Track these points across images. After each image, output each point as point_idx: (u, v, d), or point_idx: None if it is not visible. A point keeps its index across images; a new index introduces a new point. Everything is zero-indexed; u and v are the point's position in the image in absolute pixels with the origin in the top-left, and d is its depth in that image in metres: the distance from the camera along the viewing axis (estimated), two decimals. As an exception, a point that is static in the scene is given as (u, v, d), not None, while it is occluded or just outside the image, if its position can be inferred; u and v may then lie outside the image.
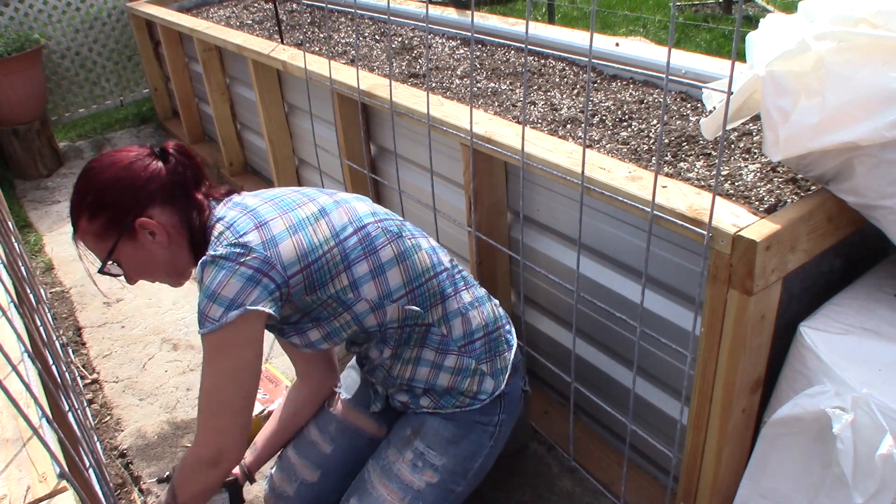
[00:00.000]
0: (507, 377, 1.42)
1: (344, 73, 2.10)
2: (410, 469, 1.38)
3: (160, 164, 1.27)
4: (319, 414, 1.57)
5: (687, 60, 1.80)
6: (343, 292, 1.26)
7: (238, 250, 1.19)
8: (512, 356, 1.45)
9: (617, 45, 2.02)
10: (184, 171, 1.29)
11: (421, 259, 1.35)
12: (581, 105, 1.81)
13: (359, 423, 1.53)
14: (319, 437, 1.52)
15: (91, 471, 1.34)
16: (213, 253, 1.19)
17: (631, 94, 1.85)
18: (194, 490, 1.32)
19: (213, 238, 1.24)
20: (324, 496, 1.48)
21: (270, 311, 1.18)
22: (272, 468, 1.55)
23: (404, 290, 1.31)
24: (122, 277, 1.33)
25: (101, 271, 1.30)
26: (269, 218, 1.25)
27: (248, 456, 1.57)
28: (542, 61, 2.16)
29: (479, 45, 2.39)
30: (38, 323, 1.75)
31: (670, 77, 1.08)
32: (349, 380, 1.61)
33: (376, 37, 2.67)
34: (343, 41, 2.67)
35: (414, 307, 1.32)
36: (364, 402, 1.55)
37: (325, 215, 1.29)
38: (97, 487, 1.32)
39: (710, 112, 1.40)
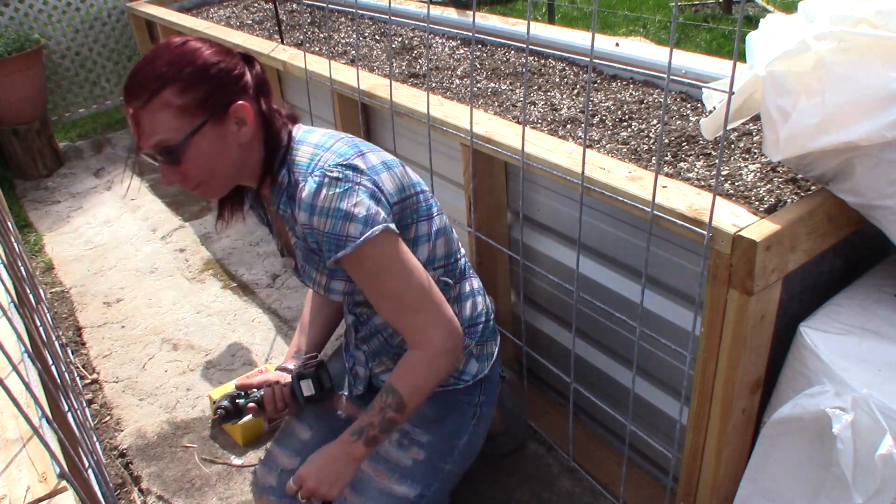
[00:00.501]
0: (490, 363, 1.47)
1: (344, 73, 2.10)
2: (397, 448, 1.40)
3: (248, 68, 1.23)
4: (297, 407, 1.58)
5: (687, 60, 1.80)
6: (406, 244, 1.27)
7: (350, 172, 1.19)
8: (497, 346, 1.50)
9: (617, 45, 2.02)
10: (266, 85, 1.24)
11: (454, 238, 1.43)
12: (581, 105, 1.81)
13: (336, 406, 1.55)
14: (298, 425, 1.54)
15: (91, 471, 1.34)
16: (325, 173, 1.18)
17: (631, 94, 1.85)
18: (433, 385, 1.28)
19: (301, 157, 1.23)
20: None
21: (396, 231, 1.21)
22: (256, 465, 1.56)
23: (444, 262, 1.37)
24: (161, 166, 1.19)
25: (159, 155, 1.16)
26: (364, 149, 1.26)
27: (292, 361, 1.54)
28: (542, 61, 2.16)
29: (480, 45, 2.39)
30: (38, 323, 1.75)
31: (670, 77, 1.08)
32: (330, 372, 1.62)
33: (376, 37, 2.67)
34: (343, 41, 2.67)
35: (446, 279, 1.37)
36: (344, 387, 1.57)
37: (403, 165, 1.32)
38: (97, 487, 1.32)
39: (710, 112, 1.40)
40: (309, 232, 1.21)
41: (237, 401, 1.49)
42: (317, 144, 1.25)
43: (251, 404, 1.48)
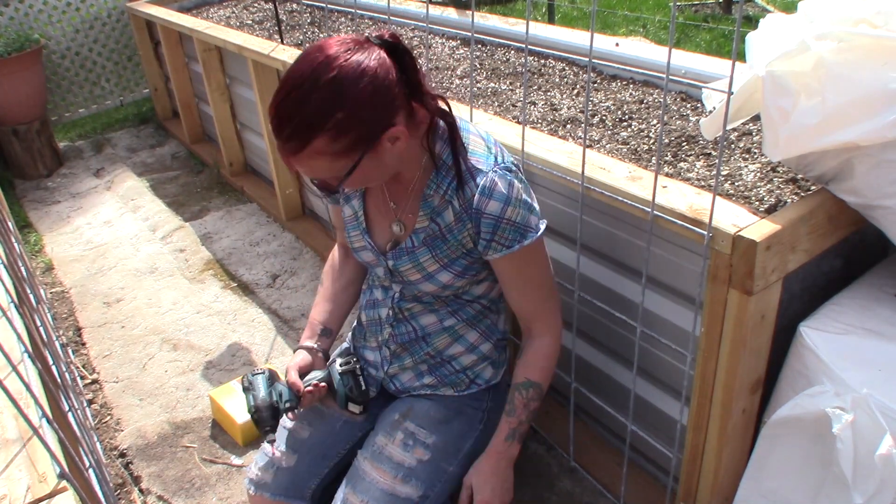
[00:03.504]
0: (502, 371, 1.51)
1: (344, 73, 2.10)
2: (402, 448, 1.40)
3: (394, 62, 1.13)
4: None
5: (687, 60, 1.80)
6: None
7: (517, 170, 1.28)
8: (507, 354, 1.54)
9: (617, 45, 2.02)
10: (415, 66, 1.16)
11: None
12: (581, 105, 1.81)
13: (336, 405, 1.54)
14: (296, 424, 1.53)
15: (91, 471, 1.34)
16: (509, 168, 1.26)
17: (631, 94, 1.85)
18: (554, 367, 1.40)
19: (475, 146, 1.27)
20: (301, 479, 1.48)
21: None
22: (253, 464, 1.55)
23: None
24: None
25: (323, 189, 1.18)
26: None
27: (304, 337, 1.52)
28: (542, 61, 2.16)
29: (479, 45, 2.39)
30: (38, 323, 1.75)
31: (670, 77, 1.08)
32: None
33: (376, 37, 2.66)
34: (343, 41, 2.67)
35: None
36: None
37: None
38: (97, 487, 1.32)
39: (710, 112, 1.40)
40: (490, 222, 1.24)
41: (276, 406, 1.41)
42: (483, 137, 1.31)
43: (290, 413, 1.41)
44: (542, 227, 1.29)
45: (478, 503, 1.38)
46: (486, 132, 1.34)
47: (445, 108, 1.27)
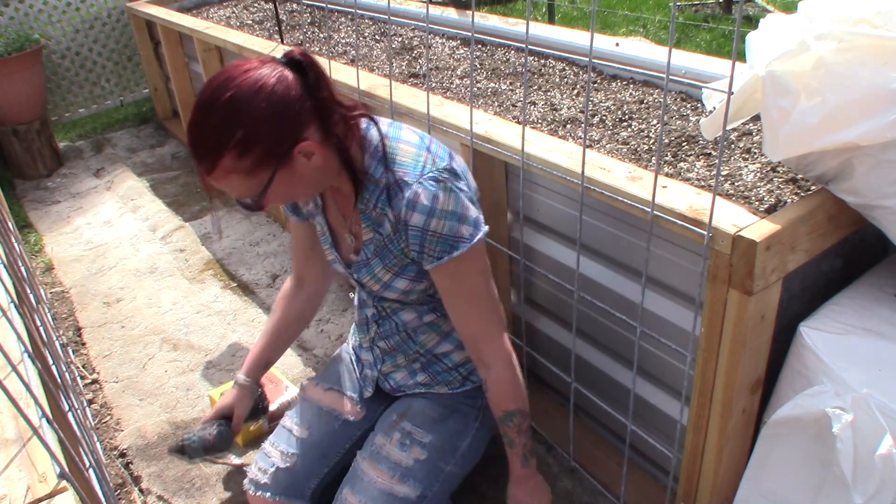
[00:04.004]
0: None
1: (344, 73, 2.10)
2: (399, 448, 1.41)
3: (298, 77, 1.15)
4: (295, 405, 1.60)
5: (687, 60, 1.80)
6: None
7: (452, 176, 1.23)
8: None
9: (617, 45, 2.02)
10: (324, 81, 1.18)
11: None
12: (581, 105, 1.81)
13: (336, 405, 1.56)
14: (295, 424, 1.54)
15: (91, 471, 1.34)
16: (438, 177, 1.21)
17: (631, 94, 1.85)
18: (522, 387, 1.39)
19: (404, 157, 1.24)
20: (299, 479, 1.48)
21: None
22: (253, 464, 1.56)
23: None
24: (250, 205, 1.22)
25: (247, 207, 1.19)
26: (449, 151, 1.30)
27: (244, 368, 1.67)
28: (542, 61, 2.16)
29: (480, 45, 2.39)
30: (38, 323, 1.75)
31: (670, 77, 1.08)
32: (332, 372, 1.63)
33: (376, 37, 2.67)
34: (343, 41, 2.67)
35: None
36: (346, 387, 1.59)
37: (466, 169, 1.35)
38: (97, 487, 1.32)
39: (710, 112, 1.40)
40: (417, 234, 1.22)
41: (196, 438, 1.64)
42: (415, 144, 1.26)
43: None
44: (479, 235, 1.25)
45: None
46: (421, 136, 1.29)
47: (367, 120, 1.26)
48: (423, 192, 1.20)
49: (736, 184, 1.34)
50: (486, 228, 1.27)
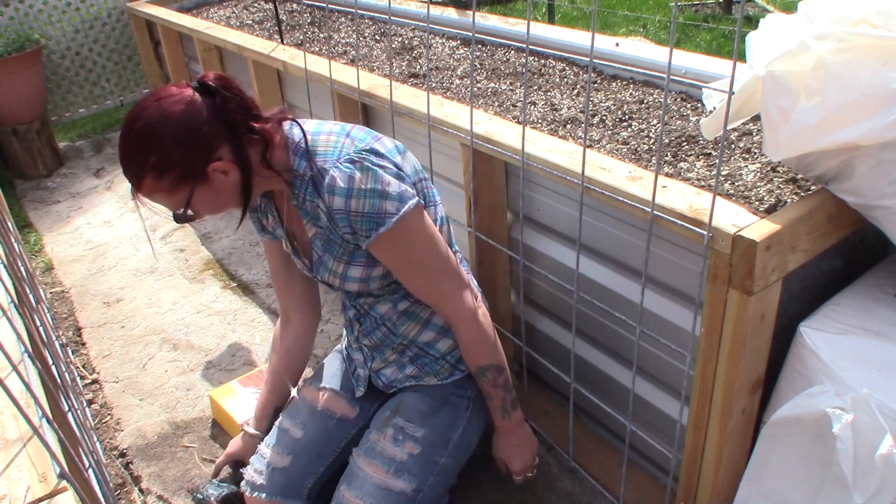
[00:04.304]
0: None
1: (344, 73, 2.10)
2: (392, 443, 1.43)
3: (209, 100, 1.21)
4: (290, 405, 1.61)
5: (687, 60, 1.80)
6: None
7: (374, 156, 1.26)
8: None
9: (617, 45, 2.02)
10: (235, 103, 1.24)
11: (450, 231, 1.49)
12: (581, 105, 1.81)
13: (330, 404, 1.57)
14: (290, 424, 1.55)
15: (91, 471, 1.34)
16: (353, 158, 1.24)
17: (631, 94, 1.85)
18: (494, 335, 1.42)
19: (322, 147, 1.28)
20: (295, 479, 1.49)
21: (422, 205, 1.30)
22: (249, 465, 1.56)
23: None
24: (188, 216, 1.30)
25: (177, 219, 1.29)
26: (377, 134, 1.32)
27: (254, 420, 1.68)
28: (542, 61, 2.16)
29: (480, 45, 2.39)
30: (38, 323, 1.75)
31: (670, 77, 1.08)
32: (326, 371, 1.64)
33: (376, 37, 2.67)
34: (343, 41, 2.67)
35: None
36: (340, 386, 1.60)
37: (406, 151, 1.37)
38: (97, 487, 1.32)
39: (711, 112, 1.40)
40: (342, 216, 1.25)
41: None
42: (336, 133, 1.31)
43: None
44: (406, 208, 1.26)
45: (514, 472, 1.53)
46: (343, 125, 1.34)
47: (289, 122, 1.32)
48: (339, 174, 1.23)
49: (736, 184, 1.34)
50: (414, 200, 1.28)
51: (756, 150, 1.47)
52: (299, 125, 1.32)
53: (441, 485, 1.45)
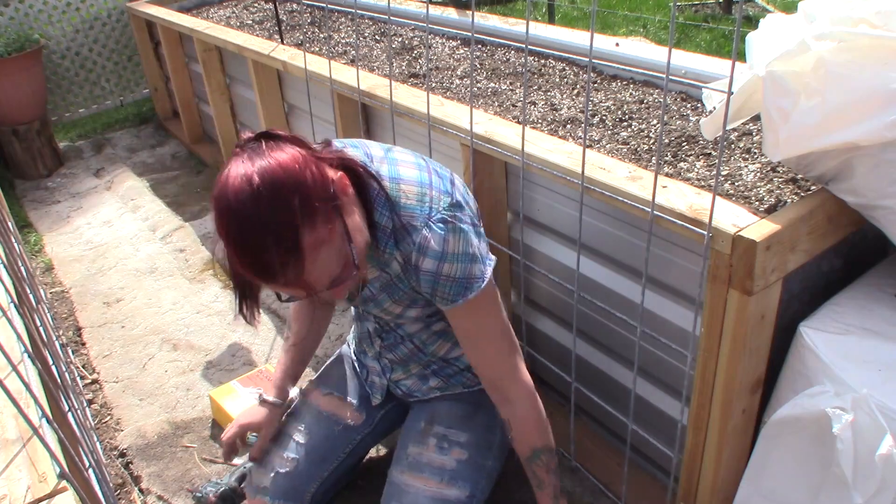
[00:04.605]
0: None
1: (344, 74, 2.10)
2: (438, 452, 1.39)
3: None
4: (296, 410, 1.58)
5: (687, 60, 1.80)
6: None
7: (459, 213, 1.18)
8: None
9: (617, 45, 2.02)
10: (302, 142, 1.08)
11: None
12: (581, 105, 1.81)
13: (337, 410, 1.55)
14: (295, 428, 1.53)
15: (91, 471, 1.34)
16: (445, 218, 1.16)
17: (631, 94, 1.85)
18: (547, 422, 1.34)
19: (407, 199, 1.16)
20: (300, 483, 1.48)
21: None
22: (252, 468, 1.55)
23: None
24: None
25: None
26: (445, 174, 1.24)
27: (273, 388, 1.56)
28: (542, 61, 2.16)
29: (480, 45, 2.39)
30: (38, 323, 1.75)
31: (670, 77, 1.08)
32: (333, 377, 1.62)
33: (376, 37, 2.67)
34: (343, 41, 2.67)
35: None
36: (347, 392, 1.58)
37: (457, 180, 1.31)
38: (97, 487, 1.32)
39: (710, 112, 1.40)
40: (429, 278, 1.18)
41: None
42: (416, 182, 1.19)
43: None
44: (489, 271, 1.22)
45: None
46: (418, 167, 1.22)
47: (357, 169, 1.15)
48: (433, 236, 1.15)
49: (736, 184, 1.34)
50: (494, 259, 1.24)
51: (756, 150, 1.47)
52: (367, 170, 1.16)
53: (489, 489, 1.43)
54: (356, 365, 1.63)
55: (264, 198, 0.95)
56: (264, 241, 0.95)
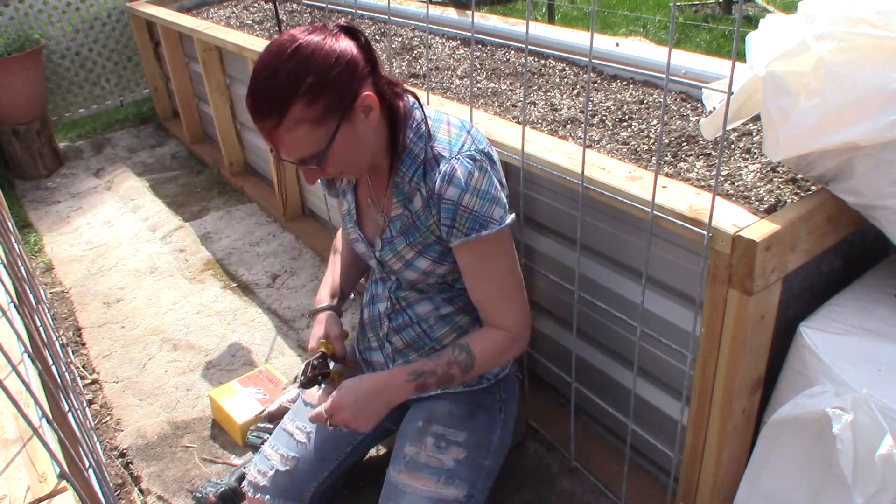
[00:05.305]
0: (509, 364, 1.53)
1: (344, 73, 2.10)
2: (436, 451, 1.39)
3: (353, 40, 1.19)
4: (297, 409, 1.58)
5: (687, 60, 1.80)
6: None
7: (487, 159, 1.27)
8: None
9: (617, 45, 2.02)
10: (372, 48, 1.22)
11: None
12: (581, 105, 1.81)
13: (315, 399, 1.54)
14: (295, 427, 1.53)
15: (91, 471, 1.34)
16: (475, 156, 1.25)
17: (631, 94, 1.85)
18: (499, 364, 1.41)
19: (444, 134, 1.28)
20: (300, 482, 1.47)
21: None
22: (252, 466, 1.55)
23: None
24: (304, 169, 1.21)
25: (304, 164, 1.19)
26: (488, 143, 1.32)
27: (322, 298, 1.56)
28: (542, 61, 2.16)
29: (480, 46, 2.39)
30: (38, 323, 1.75)
31: (670, 77, 1.08)
32: None
33: (376, 37, 2.67)
34: (343, 41, 2.67)
35: None
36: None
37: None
38: (97, 487, 1.32)
39: (710, 112, 1.40)
40: (450, 207, 1.24)
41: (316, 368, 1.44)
42: (457, 126, 1.30)
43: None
44: (508, 220, 1.27)
45: (329, 408, 1.29)
46: (463, 122, 1.33)
47: (412, 98, 1.30)
48: (460, 167, 1.23)
49: (736, 184, 1.34)
50: (512, 216, 1.29)
51: (756, 150, 1.47)
52: (421, 107, 1.30)
53: (487, 489, 1.43)
54: (361, 363, 1.63)
55: (288, 61, 1.12)
56: (266, 86, 1.13)
